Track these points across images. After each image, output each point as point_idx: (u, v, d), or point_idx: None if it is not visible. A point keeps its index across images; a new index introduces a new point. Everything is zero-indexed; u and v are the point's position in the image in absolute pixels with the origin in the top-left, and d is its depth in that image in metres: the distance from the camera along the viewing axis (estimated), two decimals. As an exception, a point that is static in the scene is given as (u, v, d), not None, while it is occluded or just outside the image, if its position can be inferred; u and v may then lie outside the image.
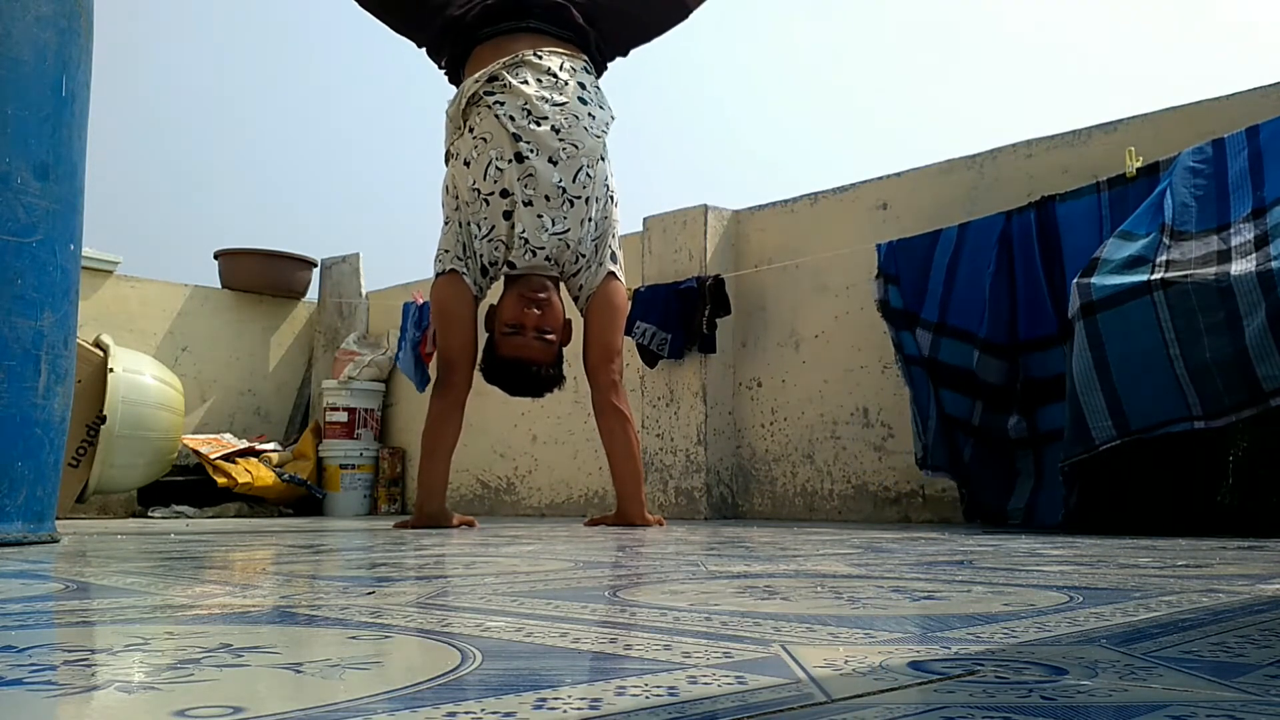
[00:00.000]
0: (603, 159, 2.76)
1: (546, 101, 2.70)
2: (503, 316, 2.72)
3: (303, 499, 4.77)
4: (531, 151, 2.66)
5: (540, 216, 2.66)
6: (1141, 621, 0.79)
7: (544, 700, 0.51)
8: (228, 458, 4.55)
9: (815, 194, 3.82)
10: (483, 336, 2.85)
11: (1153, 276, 2.34)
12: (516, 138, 2.66)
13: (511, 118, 2.68)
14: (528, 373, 2.74)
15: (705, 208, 3.98)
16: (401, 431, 5.24)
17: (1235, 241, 2.37)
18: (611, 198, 2.82)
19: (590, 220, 2.74)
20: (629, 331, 3.96)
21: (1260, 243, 2.31)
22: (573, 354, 3.89)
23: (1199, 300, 2.27)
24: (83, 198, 2.20)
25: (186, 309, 5.29)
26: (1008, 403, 2.87)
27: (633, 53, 3.06)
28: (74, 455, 3.72)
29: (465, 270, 2.75)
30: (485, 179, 2.69)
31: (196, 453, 4.50)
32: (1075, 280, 2.45)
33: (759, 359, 3.89)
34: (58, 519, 2.24)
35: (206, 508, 4.41)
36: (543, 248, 2.69)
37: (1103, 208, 2.80)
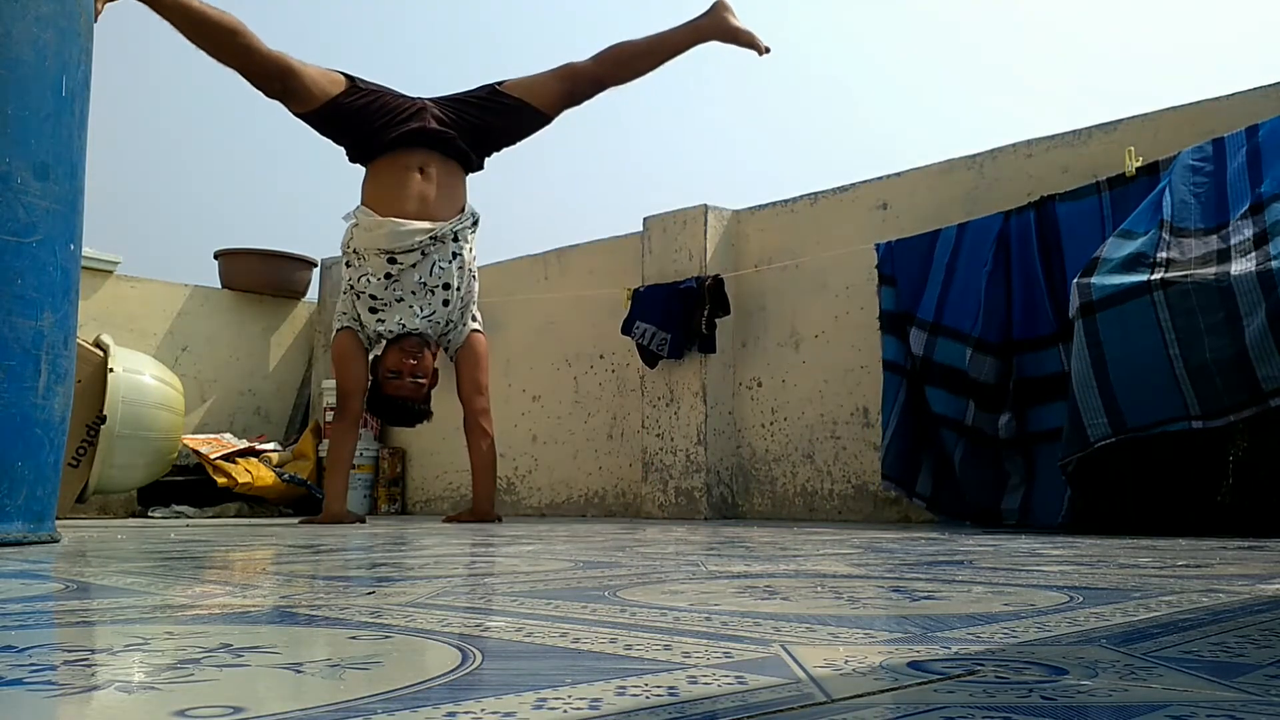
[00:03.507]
0: (457, 255, 3.45)
1: (417, 234, 3.37)
2: (386, 364, 3.45)
3: (303, 499, 4.76)
4: (399, 269, 3.38)
5: (410, 307, 3.41)
6: (1141, 621, 0.79)
7: (544, 700, 0.51)
8: (228, 458, 4.54)
9: (815, 194, 3.82)
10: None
11: (1152, 276, 2.34)
12: (391, 260, 3.37)
13: (390, 253, 3.38)
14: (404, 407, 3.48)
15: (705, 208, 3.98)
16: (401, 431, 5.24)
17: (1235, 240, 2.37)
18: (473, 275, 3.56)
19: (457, 294, 3.46)
20: (629, 331, 3.97)
21: (1259, 241, 2.31)
22: (572, 355, 3.87)
23: (1199, 300, 2.27)
24: (83, 198, 2.20)
25: (186, 309, 5.29)
26: (999, 402, 2.87)
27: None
28: (74, 455, 3.72)
29: (359, 329, 3.47)
30: (360, 282, 3.43)
31: (196, 453, 4.49)
32: (1075, 280, 2.45)
33: (759, 359, 3.89)
34: (58, 519, 2.23)
35: (206, 508, 4.40)
36: (416, 328, 3.43)
37: (1104, 207, 2.80)
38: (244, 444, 4.77)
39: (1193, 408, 2.26)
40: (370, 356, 3.52)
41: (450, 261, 3.43)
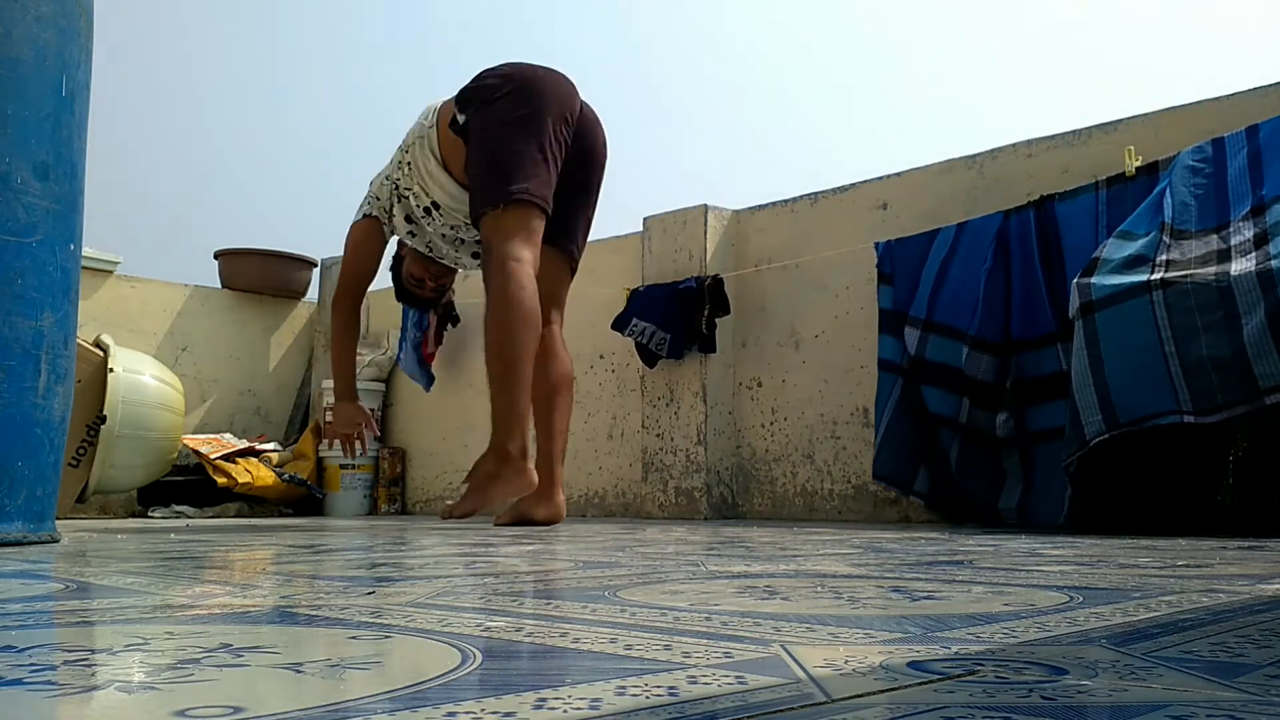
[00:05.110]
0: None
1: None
2: (410, 269, 3.53)
3: (303, 499, 4.77)
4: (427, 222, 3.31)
5: (439, 246, 3.37)
6: (1141, 621, 0.79)
7: (544, 700, 0.51)
8: (228, 458, 4.54)
9: (815, 194, 3.82)
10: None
11: (1152, 276, 2.34)
12: (427, 211, 3.28)
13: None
14: (426, 302, 3.79)
15: (705, 208, 3.98)
16: (402, 431, 5.24)
17: (1235, 240, 2.37)
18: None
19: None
20: (622, 328, 3.96)
21: (1260, 241, 2.31)
22: (572, 355, 3.87)
23: (1198, 300, 2.27)
24: (83, 198, 2.20)
25: (186, 309, 5.29)
26: (996, 401, 2.87)
27: (634, 51, 3.43)
28: (74, 455, 3.72)
29: (385, 221, 3.36)
30: (408, 194, 3.30)
31: (196, 453, 4.49)
32: (1075, 280, 2.45)
33: (759, 359, 3.89)
34: (58, 519, 2.24)
35: (206, 508, 4.41)
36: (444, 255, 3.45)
37: (1099, 205, 2.80)
38: (244, 444, 4.77)
39: (1185, 403, 2.25)
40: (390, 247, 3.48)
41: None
